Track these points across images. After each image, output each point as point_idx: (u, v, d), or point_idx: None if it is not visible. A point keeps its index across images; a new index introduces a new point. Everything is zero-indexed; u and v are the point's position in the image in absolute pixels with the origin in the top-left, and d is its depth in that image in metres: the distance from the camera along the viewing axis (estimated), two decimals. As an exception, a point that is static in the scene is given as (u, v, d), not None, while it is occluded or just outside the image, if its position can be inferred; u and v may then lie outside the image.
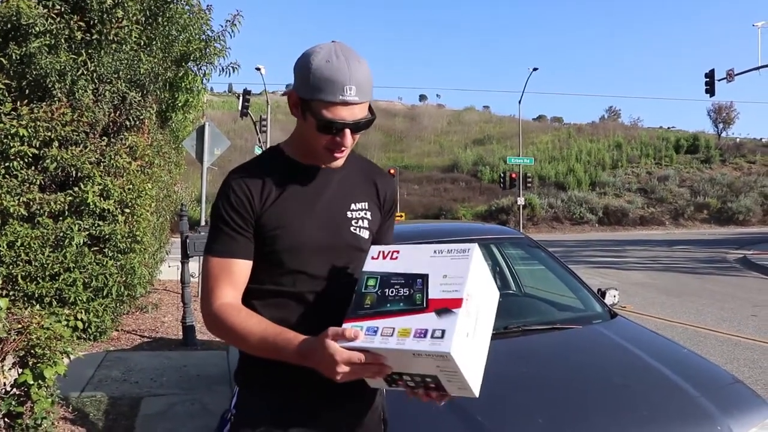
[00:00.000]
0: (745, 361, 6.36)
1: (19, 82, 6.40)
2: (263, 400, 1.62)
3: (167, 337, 7.36)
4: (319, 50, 1.52)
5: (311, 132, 1.56)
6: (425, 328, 1.29)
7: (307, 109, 1.54)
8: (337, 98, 1.48)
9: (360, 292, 1.44)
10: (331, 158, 1.61)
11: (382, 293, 1.41)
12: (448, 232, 4.43)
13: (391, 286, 1.41)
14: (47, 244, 6.25)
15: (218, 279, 1.58)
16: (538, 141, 54.67)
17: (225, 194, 1.61)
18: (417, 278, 1.41)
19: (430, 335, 1.28)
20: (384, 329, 1.33)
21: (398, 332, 1.31)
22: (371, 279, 1.46)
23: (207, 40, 8.18)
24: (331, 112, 1.49)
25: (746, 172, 47.67)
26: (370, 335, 1.33)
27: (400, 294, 1.39)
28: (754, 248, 20.65)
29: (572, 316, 3.66)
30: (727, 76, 23.45)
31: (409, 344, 1.28)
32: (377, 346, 1.31)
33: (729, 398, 2.60)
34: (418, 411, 2.25)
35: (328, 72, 1.47)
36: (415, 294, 1.38)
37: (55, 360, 3.69)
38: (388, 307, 1.37)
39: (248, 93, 29.32)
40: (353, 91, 1.48)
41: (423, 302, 1.35)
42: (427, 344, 1.26)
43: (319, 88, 1.48)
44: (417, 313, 1.34)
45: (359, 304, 1.41)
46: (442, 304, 1.33)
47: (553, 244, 23.95)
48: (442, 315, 1.31)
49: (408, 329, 1.30)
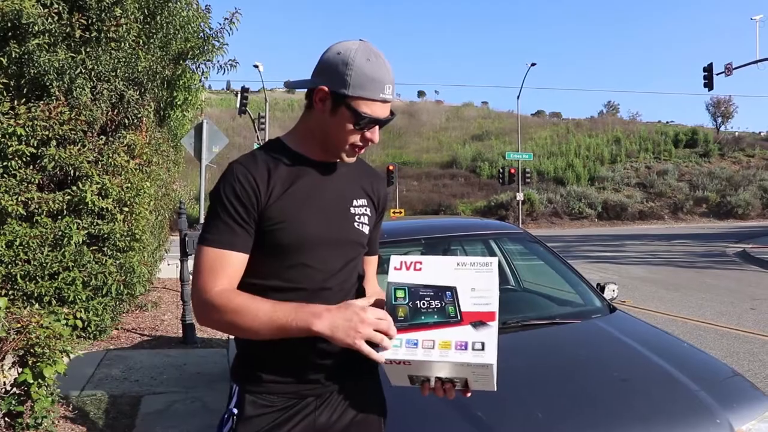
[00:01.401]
0: (745, 355, 6.37)
1: (17, 81, 6.39)
2: (265, 399, 1.62)
3: (167, 335, 7.36)
4: (354, 48, 1.55)
5: (342, 127, 1.57)
6: (465, 341, 1.40)
7: (341, 105, 1.55)
8: (378, 96, 1.54)
9: (391, 303, 1.48)
10: (353, 153, 1.65)
11: (414, 305, 1.47)
12: (447, 228, 4.43)
13: (422, 299, 1.47)
14: (46, 243, 6.24)
15: (214, 270, 1.54)
16: (537, 136, 54.59)
17: (229, 183, 1.58)
18: (446, 291, 1.48)
19: (470, 347, 1.39)
20: (424, 342, 1.41)
21: (439, 345, 1.40)
22: (399, 290, 1.50)
23: (205, 38, 8.17)
24: (371, 109, 1.54)
25: (745, 165, 47.66)
26: (411, 348, 1.41)
27: (432, 306, 1.46)
28: (753, 242, 20.68)
29: (571, 310, 3.67)
30: (726, 70, 23.47)
31: (452, 356, 1.39)
32: (421, 358, 1.40)
33: (728, 391, 2.61)
34: (418, 407, 2.26)
35: (370, 71, 1.53)
36: (447, 306, 1.46)
37: (54, 359, 3.69)
38: (423, 320, 1.44)
39: (246, 90, 29.31)
40: (390, 89, 1.56)
41: (457, 315, 1.44)
42: (470, 356, 1.38)
43: (361, 86, 1.52)
44: (452, 325, 1.43)
45: (393, 316, 1.45)
46: (476, 317, 1.43)
47: (552, 239, 23.97)
48: (478, 328, 1.42)
49: (448, 342, 1.40)
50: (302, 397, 1.63)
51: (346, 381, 1.68)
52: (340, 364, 1.63)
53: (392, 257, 1.56)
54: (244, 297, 1.51)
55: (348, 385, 1.68)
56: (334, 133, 1.59)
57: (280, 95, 76.11)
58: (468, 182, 47.02)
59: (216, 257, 1.55)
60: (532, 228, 34.87)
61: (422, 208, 40.83)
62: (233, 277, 1.56)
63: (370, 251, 1.85)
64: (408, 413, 2.18)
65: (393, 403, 1.84)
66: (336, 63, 1.54)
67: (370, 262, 1.87)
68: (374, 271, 1.90)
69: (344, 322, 1.41)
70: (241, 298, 1.51)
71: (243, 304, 1.49)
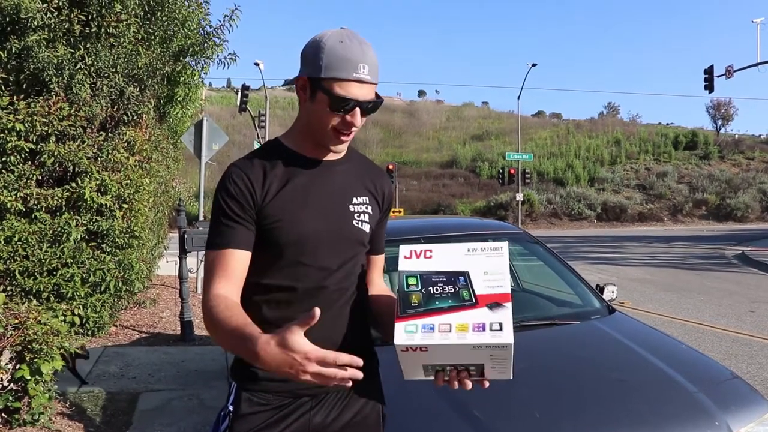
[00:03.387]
0: (743, 357, 6.37)
1: (16, 76, 6.38)
2: (260, 397, 1.61)
3: (165, 332, 7.35)
4: (329, 33, 1.55)
5: (321, 112, 1.56)
6: (482, 322, 1.38)
7: (318, 89, 1.54)
8: (351, 75, 1.51)
9: (403, 291, 1.47)
10: (337, 140, 1.61)
11: (427, 291, 1.46)
12: (446, 228, 4.42)
13: (434, 284, 1.47)
14: (45, 240, 6.23)
15: (213, 272, 1.56)
16: (537, 137, 54.66)
17: (224, 186, 1.60)
18: (458, 276, 1.48)
19: (488, 328, 1.37)
20: (440, 326, 1.39)
21: (456, 327, 1.38)
22: (411, 278, 1.49)
23: (206, 35, 8.16)
24: (345, 90, 1.51)
25: (745, 168, 47.70)
26: (427, 332, 1.39)
27: (445, 292, 1.45)
28: (752, 244, 20.69)
29: (570, 311, 3.66)
30: (726, 73, 23.45)
31: (470, 338, 1.36)
32: (438, 342, 1.37)
33: (727, 394, 2.60)
34: (416, 406, 2.25)
35: (342, 51, 1.51)
36: (461, 291, 1.45)
37: (52, 355, 3.68)
38: (437, 305, 1.43)
39: (247, 88, 29.24)
40: (366, 70, 1.52)
41: (472, 298, 1.43)
42: (488, 337, 1.36)
43: (333, 67, 1.51)
44: (468, 308, 1.41)
45: (407, 303, 1.44)
46: (492, 299, 1.43)
47: (552, 239, 23.97)
48: (494, 309, 1.41)
49: (465, 324, 1.38)
50: (297, 396, 1.62)
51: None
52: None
53: (401, 246, 1.56)
54: (218, 309, 1.48)
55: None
56: (316, 120, 1.59)
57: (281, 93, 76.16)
58: (468, 182, 47.07)
59: (216, 258, 1.57)
60: (532, 228, 34.86)
61: (421, 208, 40.86)
62: (234, 275, 1.56)
63: (375, 250, 1.82)
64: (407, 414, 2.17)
65: (391, 403, 1.83)
66: (311, 50, 1.55)
67: (374, 261, 1.85)
68: (380, 270, 1.88)
69: (287, 366, 1.30)
70: (215, 311, 1.48)
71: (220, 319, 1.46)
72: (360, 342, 1.70)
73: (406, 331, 1.39)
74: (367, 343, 1.76)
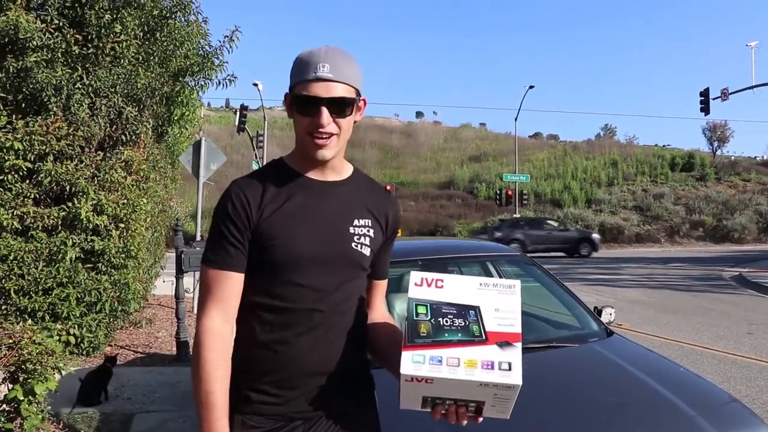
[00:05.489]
0: (742, 380, 6.34)
1: (15, 96, 6.40)
2: (254, 420, 1.60)
3: (161, 352, 7.30)
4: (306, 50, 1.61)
5: (296, 120, 1.60)
6: (491, 360, 1.37)
7: (292, 99, 1.59)
8: (311, 75, 1.55)
9: (412, 319, 1.45)
10: (314, 146, 1.59)
11: (437, 322, 1.44)
12: (444, 250, 4.41)
13: (444, 316, 1.45)
14: (41, 259, 6.21)
15: (210, 294, 1.58)
16: (534, 158, 54.76)
17: (223, 204, 1.61)
18: (469, 309, 1.46)
19: (497, 367, 1.36)
20: (449, 359, 1.37)
21: (464, 363, 1.37)
22: (421, 306, 1.47)
23: (205, 56, 8.20)
24: (307, 89, 1.55)
25: (741, 190, 47.80)
26: (435, 365, 1.37)
27: (455, 324, 1.43)
28: (749, 266, 20.66)
29: (568, 334, 3.65)
30: (722, 95, 23.62)
31: (479, 375, 1.35)
32: (445, 376, 1.36)
33: (725, 417, 2.58)
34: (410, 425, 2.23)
35: (306, 57, 1.57)
36: (471, 325, 1.43)
37: (46, 375, 3.65)
38: (446, 337, 1.41)
39: (245, 108, 29.40)
40: (327, 68, 1.54)
41: (481, 334, 1.41)
42: (497, 376, 1.35)
43: (296, 72, 1.57)
44: (477, 344, 1.40)
45: (415, 332, 1.43)
46: (501, 337, 1.41)
47: (549, 261, 23.94)
48: (504, 348, 1.39)
49: (474, 360, 1.37)
50: (290, 419, 1.60)
51: (338, 405, 1.65)
52: (331, 387, 1.61)
53: (412, 273, 1.55)
54: (211, 370, 1.53)
55: (339, 410, 1.65)
56: (297, 131, 1.62)
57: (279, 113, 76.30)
58: (465, 203, 47.03)
59: (212, 278, 1.59)
60: (529, 249, 34.76)
61: (419, 229, 40.78)
62: (230, 300, 1.59)
63: (377, 274, 1.80)
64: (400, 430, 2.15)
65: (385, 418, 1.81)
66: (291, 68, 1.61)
67: (376, 286, 1.82)
68: (382, 295, 1.85)
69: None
70: (209, 367, 1.53)
71: (206, 370, 1.53)
72: (356, 366, 1.68)
73: (413, 361, 1.37)
74: (364, 368, 1.74)
